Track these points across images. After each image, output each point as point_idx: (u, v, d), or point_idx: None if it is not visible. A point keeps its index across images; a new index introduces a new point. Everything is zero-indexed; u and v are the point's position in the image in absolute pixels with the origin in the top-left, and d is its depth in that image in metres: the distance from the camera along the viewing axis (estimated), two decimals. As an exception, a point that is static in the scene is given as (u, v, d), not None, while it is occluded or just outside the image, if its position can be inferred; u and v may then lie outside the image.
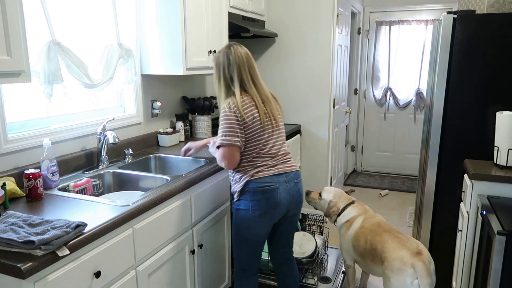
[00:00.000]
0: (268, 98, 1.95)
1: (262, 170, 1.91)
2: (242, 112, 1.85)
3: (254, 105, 1.89)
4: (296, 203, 2.02)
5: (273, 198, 1.91)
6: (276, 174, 1.93)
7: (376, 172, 5.58)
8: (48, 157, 1.81)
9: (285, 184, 1.94)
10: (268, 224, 1.96)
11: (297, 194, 2.01)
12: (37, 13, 1.88)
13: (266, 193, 1.90)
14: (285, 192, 1.94)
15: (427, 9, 4.88)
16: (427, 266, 1.94)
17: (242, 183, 1.92)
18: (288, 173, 1.97)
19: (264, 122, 1.90)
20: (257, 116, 1.89)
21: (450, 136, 2.53)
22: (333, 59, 3.61)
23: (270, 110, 1.95)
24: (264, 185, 1.89)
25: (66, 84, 2.13)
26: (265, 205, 1.91)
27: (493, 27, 2.33)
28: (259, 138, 1.91)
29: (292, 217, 2.06)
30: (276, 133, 1.97)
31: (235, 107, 1.85)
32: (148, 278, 1.72)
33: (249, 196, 1.91)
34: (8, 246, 1.21)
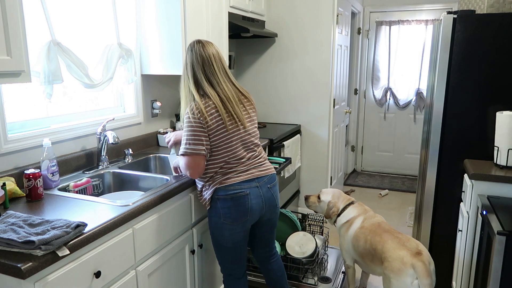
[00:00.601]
0: (230, 98, 1.79)
1: (231, 176, 1.81)
2: (208, 117, 1.74)
3: (215, 108, 1.76)
4: (270, 208, 1.93)
5: (243, 205, 1.82)
6: (246, 180, 1.83)
7: (376, 172, 5.58)
8: (48, 157, 1.81)
9: (257, 189, 1.85)
10: (242, 230, 1.88)
11: (271, 199, 1.92)
12: (37, 13, 1.88)
13: (236, 200, 1.81)
14: (256, 198, 1.85)
15: (427, 9, 4.88)
16: (427, 266, 1.94)
17: (211, 191, 1.83)
18: (260, 178, 1.88)
19: (227, 126, 1.78)
20: (219, 120, 1.76)
21: (450, 136, 2.53)
22: (333, 59, 3.61)
23: (233, 111, 1.79)
24: (233, 192, 1.80)
25: (66, 84, 2.13)
26: (235, 213, 1.82)
27: (493, 27, 2.33)
28: (226, 143, 1.79)
29: (268, 221, 1.99)
30: (244, 135, 1.85)
31: (198, 112, 1.74)
32: (148, 278, 1.72)
33: (219, 203, 1.83)
34: (8, 246, 1.21)
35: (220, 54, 1.86)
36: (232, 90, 1.84)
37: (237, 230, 1.87)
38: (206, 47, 1.81)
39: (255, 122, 1.95)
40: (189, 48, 1.84)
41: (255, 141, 1.92)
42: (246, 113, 1.88)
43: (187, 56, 1.83)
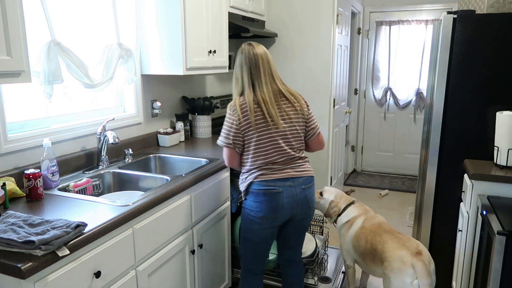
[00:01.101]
0: (267, 100, 1.86)
1: (266, 173, 1.90)
2: (240, 114, 1.86)
3: (248, 108, 1.86)
4: (302, 209, 1.97)
5: (274, 202, 1.89)
6: (281, 178, 1.90)
7: (376, 172, 5.58)
8: (48, 157, 1.81)
9: (290, 189, 1.91)
10: (271, 226, 1.94)
11: (303, 200, 1.95)
12: (37, 13, 1.88)
13: (268, 196, 1.89)
14: (288, 197, 1.91)
15: (427, 9, 4.88)
16: (427, 266, 1.94)
17: (246, 183, 1.94)
18: (296, 178, 1.93)
19: (254, 125, 1.85)
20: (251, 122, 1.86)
21: (450, 136, 2.53)
22: (333, 59, 3.61)
23: (267, 112, 1.85)
24: (266, 188, 1.89)
25: (66, 84, 2.13)
26: (266, 208, 1.90)
27: (493, 27, 2.33)
28: (259, 141, 1.88)
29: (299, 221, 2.02)
30: (280, 135, 1.89)
31: (235, 109, 1.88)
32: (148, 278, 1.72)
33: (252, 197, 1.93)
34: (8, 246, 1.21)
35: (268, 56, 1.93)
36: (271, 92, 1.89)
37: (265, 226, 1.93)
38: (255, 48, 1.90)
39: (295, 121, 1.93)
40: (240, 50, 1.94)
41: (293, 142, 1.93)
42: (282, 113, 1.90)
43: (237, 58, 1.94)
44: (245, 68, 1.90)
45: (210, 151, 2.57)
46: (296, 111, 1.94)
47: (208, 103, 2.95)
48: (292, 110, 1.94)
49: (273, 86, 1.91)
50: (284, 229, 2.06)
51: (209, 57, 2.68)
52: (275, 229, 1.98)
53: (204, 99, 2.95)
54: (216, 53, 2.75)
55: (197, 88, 3.22)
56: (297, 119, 1.95)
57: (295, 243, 2.13)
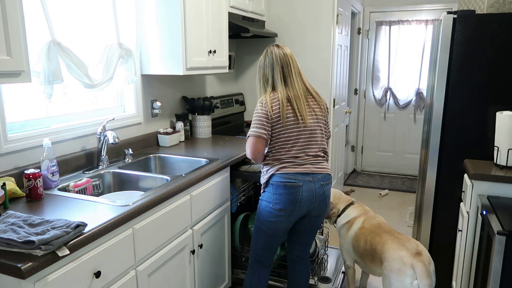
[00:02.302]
0: (298, 96, 1.96)
1: (288, 166, 1.95)
2: (271, 108, 1.93)
3: (279, 103, 1.94)
4: (319, 205, 2.01)
5: (294, 195, 1.93)
6: (302, 172, 1.95)
7: (376, 172, 5.58)
8: (48, 157, 1.81)
9: (310, 184, 1.95)
10: (287, 220, 1.98)
11: (321, 196, 2.00)
12: (37, 13, 1.88)
13: (288, 188, 1.93)
14: (308, 191, 1.94)
15: (427, 9, 4.88)
16: (426, 267, 1.94)
17: (267, 176, 1.98)
18: (315, 174, 1.97)
19: (284, 119, 1.93)
20: (280, 113, 1.93)
21: (450, 136, 2.53)
22: (333, 59, 3.61)
23: (298, 108, 1.95)
24: (287, 181, 1.93)
25: (66, 84, 2.13)
26: (285, 200, 1.93)
27: (493, 27, 2.33)
28: (285, 135, 1.95)
29: (315, 218, 2.06)
30: (305, 131, 1.97)
31: (266, 103, 1.95)
32: (148, 278, 1.72)
33: (272, 189, 1.97)
34: (8, 246, 1.21)
35: (294, 56, 2.04)
36: (302, 89, 2.00)
37: (282, 218, 1.97)
38: (284, 49, 2.02)
39: (320, 119, 2.03)
40: (267, 51, 2.03)
41: (317, 139, 2.01)
42: (310, 110, 2.00)
43: (266, 58, 2.03)
44: (276, 67, 1.99)
45: (210, 151, 2.57)
46: (321, 109, 2.05)
47: (208, 103, 2.95)
48: (318, 108, 2.04)
49: (302, 84, 2.01)
50: (297, 225, 2.09)
51: (209, 57, 2.68)
52: (290, 224, 2.01)
53: (204, 99, 2.95)
54: (216, 53, 2.75)
55: (197, 88, 3.22)
56: (322, 118, 2.06)
57: (307, 240, 2.16)
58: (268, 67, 2.01)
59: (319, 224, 2.12)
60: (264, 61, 2.03)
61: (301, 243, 2.17)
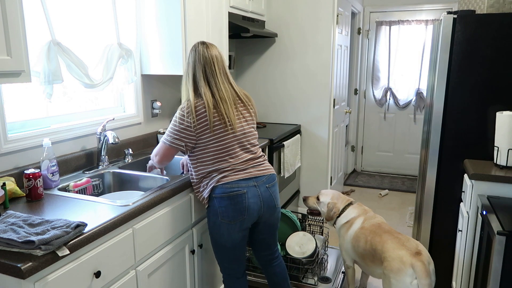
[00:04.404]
0: (226, 99, 1.83)
1: (228, 174, 1.83)
2: (194, 117, 1.78)
3: (204, 108, 1.79)
4: (269, 208, 1.93)
5: (240, 204, 1.82)
6: (244, 178, 1.84)
7: (376, 172, 5.58)
8: (48, 157, 1.81)
9: (255, 188, 1.86)
10: (240, 229, 1.88)
11: (269, 199, 1.91)
12: (37, 13, 1.88)
13: (233, 198, 1.82)
14: (254, 197, 1.85)
15: (427, 9, 4.88)
16: (426, 267, 1.94)
17: (208, 189, 1.86)
18: (259, 177, 1.88)
19: (212, 125, 1.79)
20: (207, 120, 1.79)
21: (450, 136, 2.53)
22: (333, 59, 3.61)
23: (225, 112, 1.81)
24: (230, 191, 1.81)
25: (66, 84, 2.13)
26: (233, 211, 1.83)
27: (493, 27, 2.33)
28: (216, 141, 1.82)
29: (267, 223, 1.98)
30: (238, 135, 1.86)
31: (190, 111, 1.79)
32: (148, 278, 1.72)
33: (216, 202, 1.84)
34: (8, 246, 1.21)
35: (222, 57, 1.91)
36: (229, 92, 1.87)
37: (235, 230, 1.87)
38: (209, 48, 1.87)
39: (250, 123, 1.95)
40: (192, 48, 1.89)
41: (251, 141, 1.94)
42: (238, 114, 1.89)
43: (190, 56, 1.88)
44: (198, 66, 1.84)
45: (210, 151, 2.57)
46: (249, 112, 1.96)
47: (208, 103, 2.94)
48: (247, 111, 1.95)
49: (230, 88, 1.89)
50: (255, 232, 2.03)
51: (209, 57, 2.67)
52: (246, 232, 1.92)
53: (204, 99, 2.94)
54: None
55: (197, 88, 3.22)
56: (252, 121, 1.97)
57: (270, 243, 2.09)
58: (190, 65, 1.86)
59: (275, 225, 2.03)
60: (189, 58, 1.88)
61: (266, 248, 2.10)
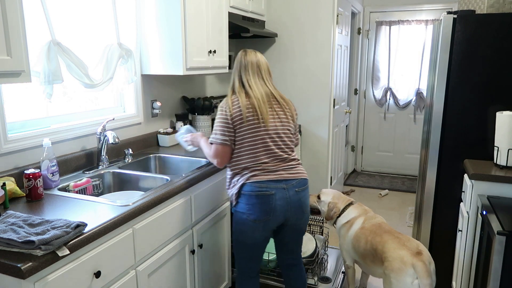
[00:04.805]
0: (258, 97, 1.90)
1: (259, 174, 1.88)
2: (231, 109, 1.89)
3: (238, 104, 1.89)
4: (296, 213, 1.93)
5: (267, 204, 1.86)
6: (274, 180, 1.87)
7: (376, 172, 5.58)
8: (48, 157, 1.81)
9: (283, 191, 1.88)
10: (264, 229, 1.91)
11: (297, 203, 1.92)
12: (37, 13, 1.88)
13: (260, 198, 1.86)
14: (282, 199, 1.87)
15: (427, 9, 4.88)
16: (427, 266, 1.94)
17: (238, 186, 1.91)
18: (289, 180, 1.90)
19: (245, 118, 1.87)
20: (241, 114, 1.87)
21: (450, 136, 2.53)
22: (333, 59, 3.61)
23: (258, 108, 1.88)
24: (258, 190, 1.86)
25: (66, 84, 2.13)
26: (259, 210, 1.87)
27: (493, 27, 2.33)
28: (249, 139, 1.88)
29: (294, 226, 1.99)
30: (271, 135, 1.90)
31: (226, 105, 1.91)
32: (148, 278, 1.72)
33: (245, 199, 1.89)
34: (8, 246, 1.21)
35: (260, 62, 1.99)
36: (263, 91, 1.94)
37: (259, 229, 1.90)
38: (247, 54, 1.99)
39: (284, 123, 1.96)
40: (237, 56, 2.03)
41: (285, 140, 1.95)
42: (272, 112, 1.93)
43: (235, 62, 2.03)
44: (236, 72, 1.99)
45: (210, 151, 2.57)
46: (285, 114, 1.98)
47: (208, 103, 2.95)
48: (283, 113, 1.97)
49: (264, 87, 1.95)
50: (280, 235, 2.04)
51: (209, 57, 2.68)
52: (269, 233, 1.95)
53: (204, 99, 2.95)
54: (216, 53, 2.75)
55: (197, 88, 3.22)
56: (287, 122, 1.98)
57: (294, 247, 2.11)
58: (232, 71, 2.02)
59: (302, 230, 2.04)
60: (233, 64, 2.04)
61: (289, 251, 2.11)
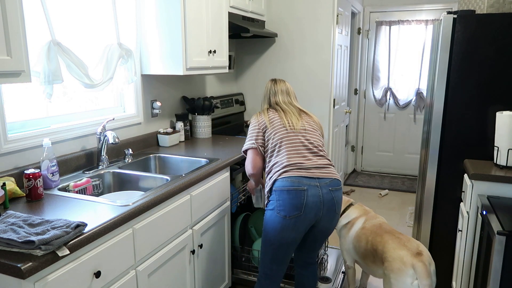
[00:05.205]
0: (286, 110, 2.10)
1: (291, 170, 1.88)
2: (258, 117, 2.09)
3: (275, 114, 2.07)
4: (328, 212, 1.89)
5: (299, 199, 1.82)
6: (307, 176, 1.85)
7: (376, 172, 5.58)
8: (48, 157, 1.81)
9: (316, 188, 1.84)
10: (294, 228, 1.85)
11: (330, 202, 1.87)
12: (37, 13, 1.88)
13: (292, 193, 1.83)
14: (314, 196, 1.83)
15: (427, 9, 4.88)
16: (427, 267, 1.94)
17: (271, 182, 1.93)
18: (322, 179, 1.87)
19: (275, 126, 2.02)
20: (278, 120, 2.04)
21: (450, 136, 2.53)
22: (333, 59, 3.61)
23: (285, 117, 2.05)
24: (291, 185, 1.84)
25: (66, 84, 2.13)
26: (289, 206, 1.83)
27: (493, 27, 2.33)
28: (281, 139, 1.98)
29: (325, 227, 1.95)
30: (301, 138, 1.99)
31: (261, 115, 2.10)
32: (148, 278, 1.72)
33: (275, 195, 1.88)
34: (8, 246, 1.21)
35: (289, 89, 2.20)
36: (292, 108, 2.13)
37: (289, 227, 1.85)
38: (276, 84, 2.19)
39: (313, 126, 2.09)
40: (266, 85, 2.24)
41: (316, 144, 2.01)
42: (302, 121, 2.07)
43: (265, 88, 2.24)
44: (265, 97, 2.20)
45: (210, 151, 2.57)
46: (314, 121, 2.13)
47: (208, 103, 2.95)
48: (312, 120, 2.12)
49: (293, 104, 2.16)
50: (308, 235, 2.01)
51: (209, 57, 2.68)
52: (299, 234, 1.89)
53: (204, 99, 2.95)
54: (216, 53, 2.75)
55: (197, 88, 3.22)
56: (315, 126, 2.11)
57: (315, 246, 2.09)
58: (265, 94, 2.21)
59: (330, 232, 2.00)
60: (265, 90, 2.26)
61: (311, 250, 2.09)
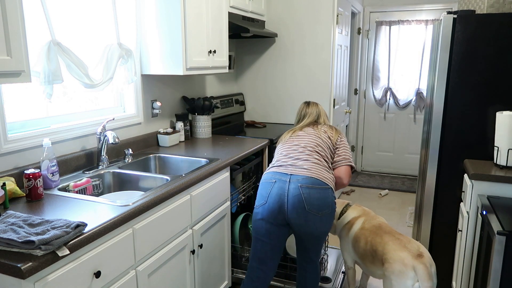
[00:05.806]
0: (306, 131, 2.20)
1: (272, 167, 2.08)
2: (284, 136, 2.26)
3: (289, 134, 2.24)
4: (295, 207, 1.90)
5: (265, 190, 2.00)
6: (281, 172, 2.00)
7: (376, 172, 5.58)
8: (48, 157, 1.81)
9: (284, 182, 1.96)
10: (262, 218, 1.99)
11: (296, 198, 1.89)
12: (37, 13, 1.88)
13: (263, 185, 2.04)
14: (279, 188, 1.95)
15: (427, 9, 4.88)
16: (428, 269, 1.93)
17: None
18: (295, 175, 1.96)
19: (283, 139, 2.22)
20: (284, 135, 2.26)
21: (450, 136, 2.53)
22: (333, 59, 3.61)
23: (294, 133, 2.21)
24: (264, 179, 2.05)
25: (66, 84, 2.13)
26: (259, 196, 2.03)
27: (493, 27, 2.33)
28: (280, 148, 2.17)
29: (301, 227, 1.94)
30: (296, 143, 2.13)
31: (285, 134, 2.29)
32: (148, 278, 1.72)
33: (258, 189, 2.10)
34: (8, 246, 1.21)
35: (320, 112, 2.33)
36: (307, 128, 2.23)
37: (257, 216, 2.03)
38: (308, 107, 2.34)
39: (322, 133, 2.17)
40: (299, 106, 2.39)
41: (309, 147, 2.09)
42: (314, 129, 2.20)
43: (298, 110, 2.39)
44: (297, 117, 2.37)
45: (210, 151, 2.57)
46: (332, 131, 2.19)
47: (208, 103, 2.95)
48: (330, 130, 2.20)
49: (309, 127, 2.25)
50: (295, 233, 2.07)
51: (209, 57, 2.68)
52: (271, 227, 1.99)
53: (204, 99, 2.95)
54: (216, 53, 2.75)
55: (197, 88, 3.22)
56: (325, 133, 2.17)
57: (307, 247, 2.09)
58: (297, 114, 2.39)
59: (312, 234, 1.98)
60: None
61: (302, 249, 2.11)
